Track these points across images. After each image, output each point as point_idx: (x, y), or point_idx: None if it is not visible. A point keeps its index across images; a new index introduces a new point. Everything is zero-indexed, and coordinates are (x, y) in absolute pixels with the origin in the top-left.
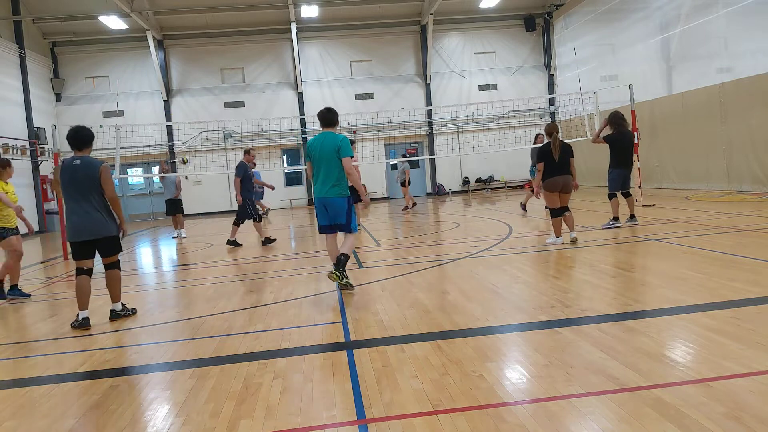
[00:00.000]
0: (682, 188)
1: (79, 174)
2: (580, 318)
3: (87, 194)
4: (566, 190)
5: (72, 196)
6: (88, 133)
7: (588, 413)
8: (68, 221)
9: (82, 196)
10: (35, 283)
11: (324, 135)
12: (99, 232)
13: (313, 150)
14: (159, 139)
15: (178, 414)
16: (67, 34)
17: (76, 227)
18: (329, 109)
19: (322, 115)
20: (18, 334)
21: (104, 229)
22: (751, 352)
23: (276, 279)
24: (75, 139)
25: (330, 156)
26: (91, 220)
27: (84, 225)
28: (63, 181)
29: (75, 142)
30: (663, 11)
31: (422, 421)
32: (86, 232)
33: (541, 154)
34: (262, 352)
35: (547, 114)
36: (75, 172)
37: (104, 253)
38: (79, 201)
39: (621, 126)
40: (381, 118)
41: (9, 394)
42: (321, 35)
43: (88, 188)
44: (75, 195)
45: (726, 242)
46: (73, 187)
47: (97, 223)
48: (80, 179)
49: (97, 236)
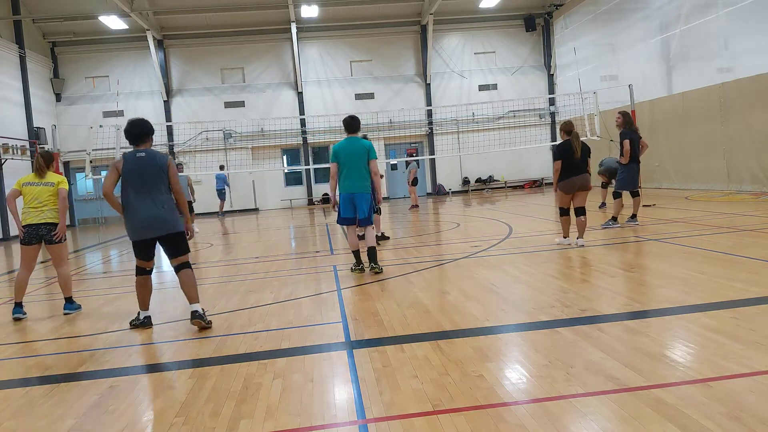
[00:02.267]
0: (682, 188)
1: (145, 166)
2: (580, 318)
3: (154, 188)
4: (584, 188)
5: (136, 191)
6: (146, 125)
7: (588, 413)
8: (131, 218)
9: (148, 191)
10: (35, 283)
11: (351, 139)
12: (167, 228)
13: (342, 152)
14: (159, 139)
15: (178, 414)
16: (67, 34)
17: (141, 223)
18: (353, 117)
19: (348, 123)
20: (18, 334)
21: (172, 225)
22: (751, 352)
23: (276, 279)
24: (132, 133)
25: (360, 157)
26: (159, 216)
27: (151, 221)
28: (126, 175)
29: (133, 136)
30: (663, 11)
31: (422, 421)
32: (154, 228)
33: (560, 152)
34: (262, 352)
35: (547, 114)
36: (141, 165)
37: (173, 252)
38: (145, 196)
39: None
40: (381, 118)
41: (9, 394)
42: (321, 35)
43: (155, 181)
44: (140, 189)
45: (726, 242)
46: (139, 181)
47: (164, 218)
48: (146, 172)
49: (164, 232)
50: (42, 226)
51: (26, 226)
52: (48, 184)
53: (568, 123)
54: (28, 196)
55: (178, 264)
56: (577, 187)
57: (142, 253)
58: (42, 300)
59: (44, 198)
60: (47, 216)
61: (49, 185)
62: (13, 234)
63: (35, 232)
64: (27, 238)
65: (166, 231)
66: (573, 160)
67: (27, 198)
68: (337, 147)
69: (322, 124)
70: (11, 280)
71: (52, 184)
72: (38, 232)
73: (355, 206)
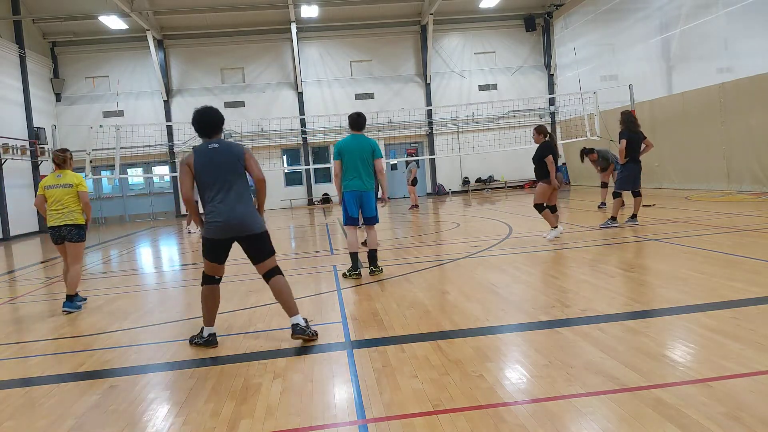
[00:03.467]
0: (682, 188)
1: (219, 158)
2: (580, 318)
3: (231, 182)
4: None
5: (214, 186)
6: (217, 114)
7: (588, 413)
8: (209, 216)
9: (224, 185)
10: (35, 283)
11: (356, 137)
12: (249, 227)
13: (347, 150)
14: (159, 139)
15: (178, 414)
16: (67, 34)
17: (222, 221)
18: (359, 114)
19: (353, 119)
20: (18, 334)
21: (254, 223)
22: (751, 352)
23: None
24: (202, 123)
25: (367, 155)
26: (238, 214)
27: (231, 219)
28: (199, 169)
29: (203, 128)
30: (663, 11)
31: (422, 421)
32: (233, 227)
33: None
34: (262, 352)
35: (547, 114)
36: (214, 157)
37: (257, 256)
38: (220, 191)
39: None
40: (381, 118)
41: (9, 394)
42: (321, 35)
43: (231, 175)
44: (218, 184)
45: (726, 242)
46: (214, 175)
47: (244, 216)
48: (221, 164)
49: (244, 233)
50: (64, 227)
51: (50, 228)
52: (67, 186)
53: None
54: (51, 198)
55: (266, 271)
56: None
57: (216, 255)
58: (42, 300)
59: (65, 201)
60: (69, 218)
61: (68, 187)
62: (13, 234)
63: (58, 233)
64: (54, 239)
65: (247, 231)
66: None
67: (50, 201)
68: (341, 144)
69: (322, 124)
70: (11, 280)
71: (71, 185)
72: (61, 233)
73: (362, 205)
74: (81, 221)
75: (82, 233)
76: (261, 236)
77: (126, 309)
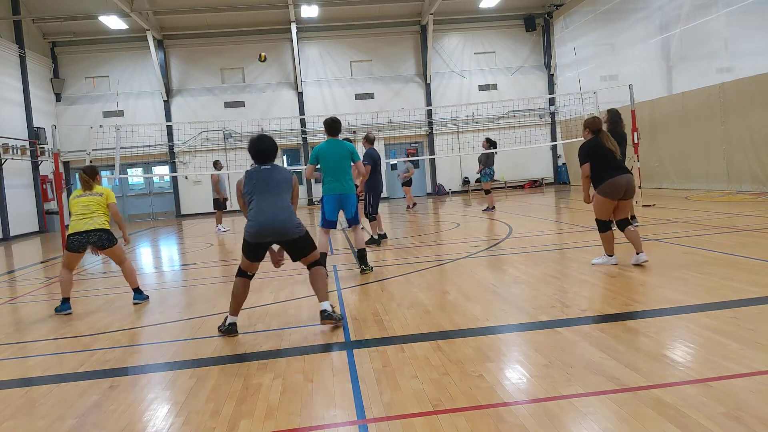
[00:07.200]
0: (682, 188)
1: (273, 176)
2: (580, 318)
3: (281, 193)
4: (628, 195)
5: (262, 195)
6: (274, 145)
7: (588, 413)
8: (254, 219)
9: (275, 195)
10: (35, 283)
11: (333, 141)
12: (290, 232)
13: (325, 154)
14: (159, 139)
15: (178, 414)
16: (67, 34)
17: (263, 226)
18: (334, 119)
19: (329, 125)
20: (18, 334)
21: (294, 229)
22: (751, 352)
23: (276, 279)
24: (259, 151)
25: (345, 159)
26: (281, 221)
27: (273, 225)
28: (252, 183)
29: (260, 156)
30: (663, 11)
31: (422, 421)
32: (275, 233)
33: (590, 150)
34: (262, 352)
35: (547, 114)
36: (268, 175)
37: (299, 253)
38: (271, 199)
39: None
40: (381, 118)
41: (9, 394)
42: (321, 35)
43: (282, 188)
44: (266, 194)
45: (726, 242)
46: (266, 187)
47: (284, 223)
48: (275, 180)
49: (283, 239)
50: (92, 233)
51: (75, 234)
52: (96, 194)
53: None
54: (76, 207)
55: (309, 263)
56: (623, 192)
57: (254, 254)
58: (42, 300)
59: (93, 206)
60: (96, 222)
61: (97, 195)
62: (13, 234)
63: (85, 239)
64: (75, 246)
65: (288, 236)
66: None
67: (75, 209)
68: (318, 149)
69: (321, 124)
70: (11, 280)
71: (101, 194)
72: (88, 240)
73: (343, 207)
74: (107, 226)
75: (112, 237)
76: (297, 241)
77: (126, 309)
